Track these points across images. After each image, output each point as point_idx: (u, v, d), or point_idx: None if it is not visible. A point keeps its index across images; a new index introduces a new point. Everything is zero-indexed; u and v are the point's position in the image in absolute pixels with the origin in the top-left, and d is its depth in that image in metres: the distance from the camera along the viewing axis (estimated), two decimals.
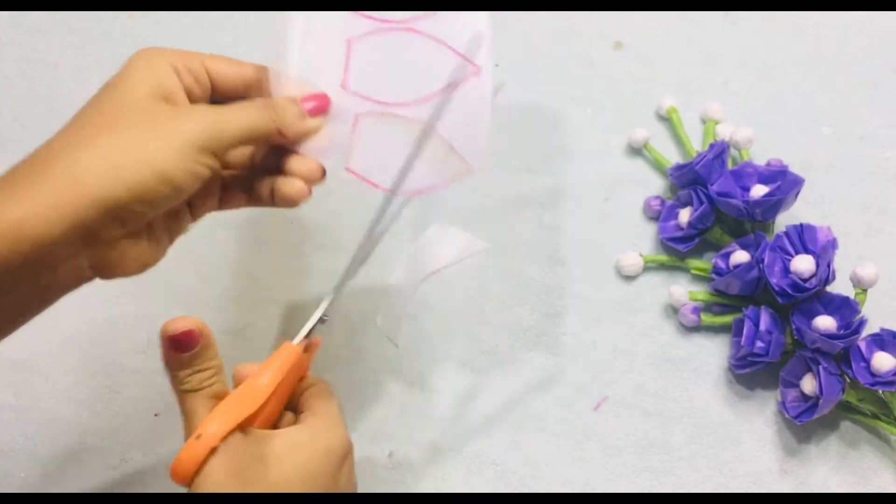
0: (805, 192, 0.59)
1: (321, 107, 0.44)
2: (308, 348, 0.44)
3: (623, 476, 0.56)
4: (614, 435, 0.57)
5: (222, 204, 0.46)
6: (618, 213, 0.63)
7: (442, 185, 0.45)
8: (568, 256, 0.62)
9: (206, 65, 0.43)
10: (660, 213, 0.62)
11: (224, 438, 0.38)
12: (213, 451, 0.38)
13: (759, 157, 0.63)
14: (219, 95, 0.44)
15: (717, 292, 0.59)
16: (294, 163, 0.44)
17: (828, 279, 0.55)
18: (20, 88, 0.68)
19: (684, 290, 0.59)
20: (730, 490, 0.55)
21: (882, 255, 0.61)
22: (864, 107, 0.67)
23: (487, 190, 0.64)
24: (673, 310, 0.60)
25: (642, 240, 0.63)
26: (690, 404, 0.58)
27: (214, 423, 0.39)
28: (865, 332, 0.54)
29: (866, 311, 0.55)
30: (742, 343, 0.55)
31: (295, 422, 0.44)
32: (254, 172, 0.45)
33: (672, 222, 0.61)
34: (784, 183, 0.57)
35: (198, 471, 0.38)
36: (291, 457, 0.40)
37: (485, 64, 0.44)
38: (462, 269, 0.62)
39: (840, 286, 0.56)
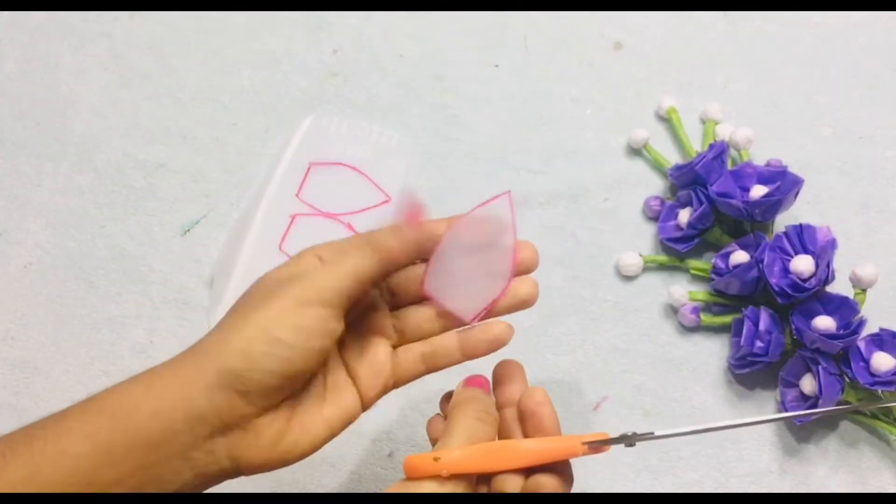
0: (804, 192, 0.59)
1: (416, 211, 0.42)
2: (595, 450, 0.40)
3: (623, 475, 0.56)
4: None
5: (396, 379, 0.43)
6: (618, 213, 0.63)
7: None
8: (567, 256, 0.62)
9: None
10: (659, 214, 0.62)
11: (454, 477, 0.38)
12: (438, 477, 0.38)
13: (759, 157, 0.63)
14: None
15: (717, 292, 0.59)
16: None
17: (827, 279, 0.55)
18: (20, 88, 0.68)
19: (684, 290, 0.59)
20: (729, 490, 0.55)
21: (881, 255, 0.61)
22: (863, 107, 0.67)
23: (487, 190, 0.64)
24: (673, 310, 0.60)
25: (642, 240, 0.63)
26: (690, 404, 0.58)
27: (455, 456, 0.38)
28: (865, 332, 0.54)
29: (865, 311, 0.55)
30: (741, 343, 0.55)
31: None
32: None
33: (672, 222, 0.61)
34: (783, 183, 0.57)
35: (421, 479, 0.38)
36: None
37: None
38: None
39: (839, 286, 0.56)
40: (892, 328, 0.54)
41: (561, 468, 0.40)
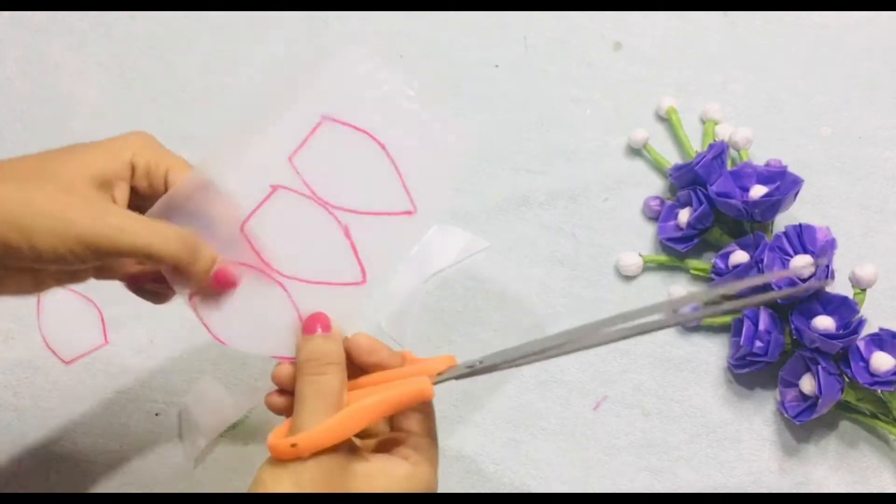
0: (804, 192, 0.59)
1: (228, 281, 0.43)
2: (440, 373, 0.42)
3: (622, 475, 0.56)
4: (614, 434, 0.57)
5: (99, 274, 0.46)
6: (618, 213, 0.64)
7: None
8: (568, 256, 0.62)
9: (168, 176, 0.43)
10: (659, 214, 0.62)
11: (315, 455, 0.38)
12: (299, 458, 0.38)
13: (758, 157, 0.63)
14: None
15: None
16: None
17: (827, 279, 0.55)
18: (21, 88, 0.68)
19: (684, 290, 0.59)
20: (729, 489, 0.56)
21: (881, 255, 0.61)
22: (862, 107, 0.67)
23: (487, 190, 0.64)
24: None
25: (642, 240, 0.63)
26: (690, 404, 0.58)
27: (314, 438, 0.38)
28: (864, 331, 0.54)
29: (865, 310, 0.55)
30: (741, 343, 0.55)
31: (383, 438, 0.42)
32: None
33: (671, 222, 0.61)
34: (783, 183, 0.57)
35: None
36: (379, 482, 0.39)
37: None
38: (462, 269, 0.62)
39: (839, 286, 0.56)
40: (891, 328, 0.54)
41: (421, 406, 0.42)
